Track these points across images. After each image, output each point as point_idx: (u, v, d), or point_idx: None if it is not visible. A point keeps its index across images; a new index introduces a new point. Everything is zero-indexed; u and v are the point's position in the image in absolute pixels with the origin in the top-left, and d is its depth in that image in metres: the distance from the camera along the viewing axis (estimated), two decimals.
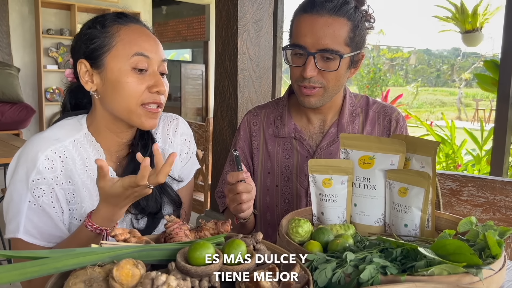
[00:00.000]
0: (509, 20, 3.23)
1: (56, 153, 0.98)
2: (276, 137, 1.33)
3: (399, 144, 0.97)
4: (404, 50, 21.71)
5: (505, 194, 1.57)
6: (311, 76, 1.15)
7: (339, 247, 0.81)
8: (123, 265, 0.64)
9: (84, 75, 1.00)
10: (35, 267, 0.66)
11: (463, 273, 0.69)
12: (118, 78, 0.97)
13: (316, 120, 1.31)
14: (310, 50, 1.13)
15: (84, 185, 1.02)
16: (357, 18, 1.16)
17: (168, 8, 9.71)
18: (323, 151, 1.29)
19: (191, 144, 1.21)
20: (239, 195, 1.02)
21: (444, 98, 21.15)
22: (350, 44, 1.15)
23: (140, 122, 1.00)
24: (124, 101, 0.97)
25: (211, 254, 0.71)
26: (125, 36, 0.98)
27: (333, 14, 1.13)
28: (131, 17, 1.04)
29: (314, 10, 1.14)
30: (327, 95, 1.20)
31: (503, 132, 3.39)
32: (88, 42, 0.99)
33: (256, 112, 1.39)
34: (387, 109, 1.33)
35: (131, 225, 1.08)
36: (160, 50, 1.02)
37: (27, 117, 5.35)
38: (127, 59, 0.96)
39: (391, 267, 0.70)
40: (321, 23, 1.12)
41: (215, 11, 2.42)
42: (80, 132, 1.04)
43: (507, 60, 3.27)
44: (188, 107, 8.79)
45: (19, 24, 5.82)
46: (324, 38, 1.12)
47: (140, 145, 1.09)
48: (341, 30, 1.13)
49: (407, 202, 0.94)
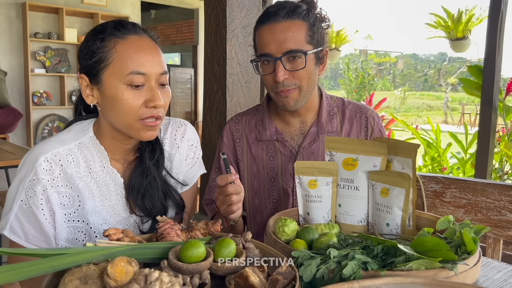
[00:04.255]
0: (492, 28, 3.32)
1: (56, 157, 1.01)
2: (259, 141, 1.38)
3: (381, 147, 1.01)
4: (391, 55, 21.96)
5: (486, 195, 1.62)
6: (283, 79, 1.21)
7: (324, 245, 0.85)
8: (117, 262, 0.68)
9: (86, 89, 1.03)
10: (32, 266, 0.69)
11: (440, 268, 0.73)
12: (115, 95, 0.98)
13: (295, 122, 1.37)
14: (276, 56, 1.21)
15: (87, 187, 1.04)
16: (312, 18, 1.24)
17: (157, 12, 9.72)
18: (305, 150, 1.34)
19: (197, 149, 1.24)
20: (229, 197, 1.06)
21: (431, 102, 21.40)
22: (311, 42, 1.23)
23: (138, 135, 1.02)
24: (122, 117, 1.00)
25: (202, 253, 0.75)
26: (122, 51, 0.98)
27: (288, 18, 1.21)
28: (130, 27, 1.03)
29: (271, 19, 1.22)
30: (303, 95, 1.26)
31: (486, 136, 3.47)
32: (87, 57, 1.00)
33: (238, 119, 1.44)
34: (362, 108, 1.41)
35: (137, 227, 1.10)
36: (158, 63, 1.02)
37: (14, 121, 5.32)
38: (123, 77, 0.98)
39: (372, 263, 0.74)
40: (280, 29, 1.20)
41: (204, 16, 2.45)
42: (86, 135, 1.07)
43: (490, 65, 3.36)
44: (177, 111, 8.79)
45: (6, 27, 5.79)
46: (286, 42, 1.20)
47: (147, 149, 1.12)
48: (299, 31, 1.21)
49: (388, 202, 0.99)
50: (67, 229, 1.03)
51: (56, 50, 6.23)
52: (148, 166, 1.09)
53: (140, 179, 1.08)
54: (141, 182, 1.08)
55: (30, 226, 0.99)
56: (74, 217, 1.04)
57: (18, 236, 0.99)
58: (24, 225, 0.99)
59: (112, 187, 1.08)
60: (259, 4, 2.40)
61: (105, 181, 1.07)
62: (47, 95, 6.21)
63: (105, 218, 1.06)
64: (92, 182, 1.05)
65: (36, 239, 1.00)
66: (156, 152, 1.12)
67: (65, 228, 1.02)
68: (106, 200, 1.07)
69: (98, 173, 1.06)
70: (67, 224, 1.03)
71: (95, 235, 1.05)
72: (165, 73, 1.04)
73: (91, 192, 1.05)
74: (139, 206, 1.08)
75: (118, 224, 1.08)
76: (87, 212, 1.04)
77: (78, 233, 1.04)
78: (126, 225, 1.10)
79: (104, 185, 1.07)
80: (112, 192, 1.08)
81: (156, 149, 1.13)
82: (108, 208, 1.07)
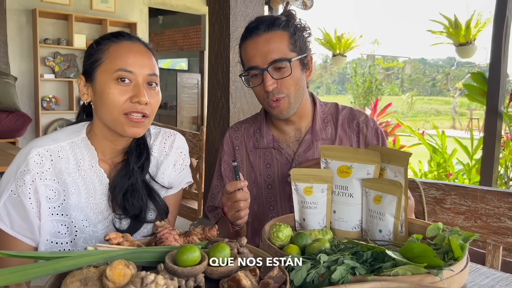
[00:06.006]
0: (497, 34, 3.33)
1: (48, 152, 1.08)
2: (257, 149, 1.42)
3: (374, 155, 1.04)
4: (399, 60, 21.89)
5: (485, 202, 1.63)
6: (272, 88, 1.25)
7: (316, 250, 0.88)
8: (116, 265, 0.71)
9: (83, 88, 1.12)
10: (35, 268, 0.73)
11: (425, 274, 0.76)
12: (103, 89, 1.07)
13: (290, 130, 1.40)
14: (262, 67, 1.25)
15: (74, 183, 1.10)
16: (292, 28, 1.29)
17: (165, 18, 9.80)
18: (301, 157, 1.37)
19: (185, 157, 1.30)
20: (237, 203, 1.10)
21: (439, 107, 21.28)
22: (294, 50, 1.28)
23: (123, 129, 1.08)
24: (108, 110, 1.07)
25: (197, 257, 0.78)
26: (114, 51, 1.08)
27: (269, 30, 1.26)
28: (126, 35, 1.13)
29: (253, 34, 1.27)
30: (293, 102, 1.30)
31: (492, 142, 3.48)
32: (86, 60, 1.11)
33: (237, 127, 1.49)
34: (355, 113, 1.43)
35: (113, 225, 1.15)
36: (147, 65, 1.10)
37: (23, 126, 5.39)
38: (112, 73, 1.06)
39: (360, 268, 0.77)
40: (262, 41, 1.26)
41: (208, 24, 2.50)
42: (79, 136, 1.14)
43: (495, 71, 3.37)
44: (184, 116, 8.85)
45: (16, 33, 5.88)
46: (270, 52, 1.25)
47: (134, 153, 1.18)
48: (281, 41, 1.26)
49: (381, 209, 1.01)
50: (51, 223, 1.08)
51: (65, 55, 6.31)
52: (132, 168, 1.15)
53: (124, 179, 1.14)
54: (123, 183, 1.14)
55: (16, 215, 1.05)
56: (58, 211, 1.09)
57: (4, 223, 1.05)
58: (11, 213, 1.05)
59: (98, 186, 1.14)
60: (263, 12, 2.44)
61: (92, 180, 1.13)
62: (56, 100, 6.29)
63: (87, 214, 1.12)
64: (79, 179, 1.11)
65: (21, 228, 1.06)
66: (143, 157, 1.18)
67: (49, 221, 1.08)
68: (91, 197, 1.13)
69: (86, 171, 1.13)
70: (51, 217, 1.08)
71: (75, 230, 1.10)
72: (154, 75, 1.11)
73: (77, 188, 1.11)
74: (118, 204, 1.14)
75: (98, 221, 1.14)
76: (70, 206, 1.09)
77: (61, 226, 1.09)
78: (106, 222, 1.15)
79: (90, 183, 1.13)
80: (98, 190, 1.14)
81: (143, 153, 1.19)
82: (92, 205, 1.13)
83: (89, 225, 1.12)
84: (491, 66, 3.37)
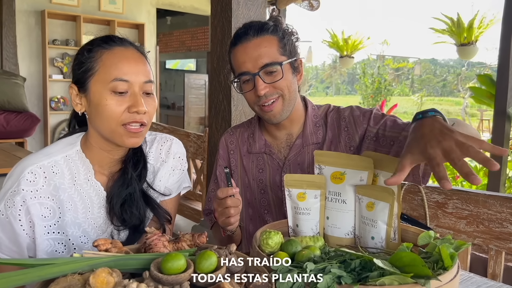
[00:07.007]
0: (505, 36, 3.29)
1: (41, 169, 1.05)
2: (250, 153, 1.42)
3: (367, 161, 1.03)
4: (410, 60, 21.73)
5: (487, 207, 1.61)
6: (264, 92, 1.25)
7: (304, 258, 0.87)
8: (99, 273, 0.71)
9: (75, 98, 1.09)
10: (20, 275, 0.73)
11: (412, 284, 0.75)
12: (99, 101, 1.04)
13: (282, 135, 1.39)
14: (253, 72, 1.25)
15: (70, 198, 1.08)
16: (280, 32, 1.29)
17: (173, 18, 9.85)
18: (291, 162, 1.36)
19: (183, 161, 1.28)
20: (227, 209, 1.10)
21: (449, 108, 21.08)
22: (284, 53, 1.27)
23: (122, 141, 1.06)
24: (106, 122, 1.05)
25: (182, 265, 0.78)
26: (107, 60, 1.05)
27: (258, 35, 1.25)
28: (117, 40, 1.09)
29: (242, 39, 1.27)
30: (286, 104, 1.29)
31: (500, 145, 3.43)
32: (76, 68, 1.08)
33: (232, 132, 1.49)
34: (341, 111, 1.40)
35: (112, 237, 1.13)
36: (142, 72, 1.07)
37: (32, 126, 5.44)
38: (107, 83, 1.03)
39: (346, 277, 0.76)
40: (252, 46, 1.25)
41: (210, 27, 2.50)
42: (73, 149, 1.12)
43: (503, 73, 3.33)
44: (191, 116, 8.88)
45: (25, 34, 5.94)
46: (260, 57, 1.24)
47: (132, 162, 1.16)
48: (271, 45, 1.26)
49: (373, 216, 1.00)
50: (47, 241, 1.06)
51: (73, 56, 6.33)
52: (130, 177, 1.13)
53: (121, 189, 1.12)
54: (121, 192, 1.11)
55: (5, 237, 1.03)
56: (54, 229, 1.07)
57: None
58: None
59: (95, 200, 1.12)
60: (264, 15, 2.44)
61: (88, 194, 1.11)
62: (64, 100, 6.35)
63: (85, 230, 1.10)
64: (75, 194, 1.09)
65: (9, 250, 1.04)
66: (140, 165, 1.16)
67: (45, 240, 1.05)
68: (89, 212, 1.11)
69: (82, 185, 1.10)
70: (47, 236, 1.06)
71: (73, 247, 1.08)
72: (150, 82, 1.08)
73: (74, 204, 1.09)
74: (116, 215, 1.12)
75: (97, 236, 1.11)
76: (67, 223, 1.07)
77: (58, 245, 1.07)
78: (105, 236, 1.13)
79: (87, 198, 1.11)
80: (95, 204, 1.12)
81: (140, 161, 1.17)
82: (90, 220, 1.11)
83: (87, 241, 1.10)
84: (499, 67, 3.33)
